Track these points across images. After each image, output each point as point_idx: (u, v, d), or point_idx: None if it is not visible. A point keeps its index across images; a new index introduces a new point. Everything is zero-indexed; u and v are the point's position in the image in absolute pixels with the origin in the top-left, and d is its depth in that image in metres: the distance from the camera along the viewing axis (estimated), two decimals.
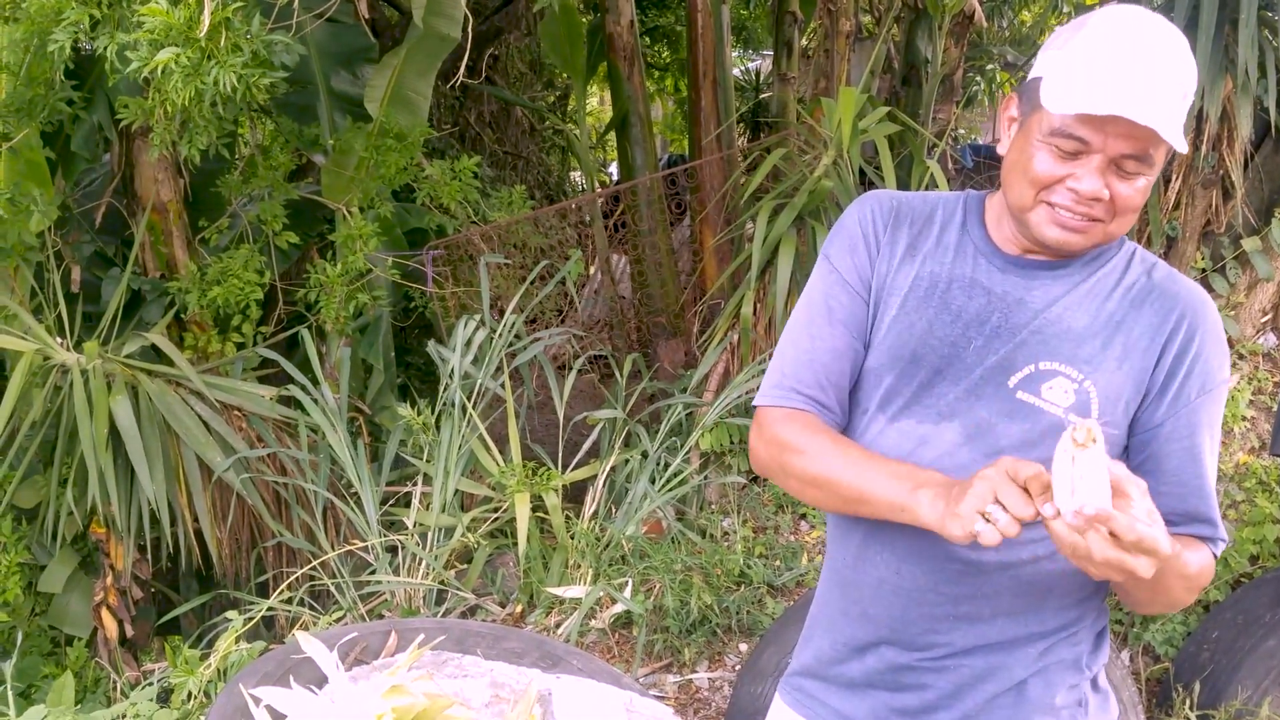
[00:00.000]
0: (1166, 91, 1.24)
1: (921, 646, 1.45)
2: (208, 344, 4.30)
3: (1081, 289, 1.40)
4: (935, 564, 1.40)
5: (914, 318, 1.43)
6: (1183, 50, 1.28)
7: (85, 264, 4.37)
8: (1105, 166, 1.28)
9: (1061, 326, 1.38)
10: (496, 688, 2.57)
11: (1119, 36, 1.27)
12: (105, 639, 3.86)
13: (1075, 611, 1.44)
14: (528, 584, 3.78)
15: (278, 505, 3.99)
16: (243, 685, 2.26)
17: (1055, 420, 1.35)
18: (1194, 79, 1.29)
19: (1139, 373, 1.36)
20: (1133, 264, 1.43)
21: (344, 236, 4.43)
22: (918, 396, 1.42)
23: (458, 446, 3.99)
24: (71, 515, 3.76)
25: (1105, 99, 1.22)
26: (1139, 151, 1.26)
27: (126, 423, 3.64)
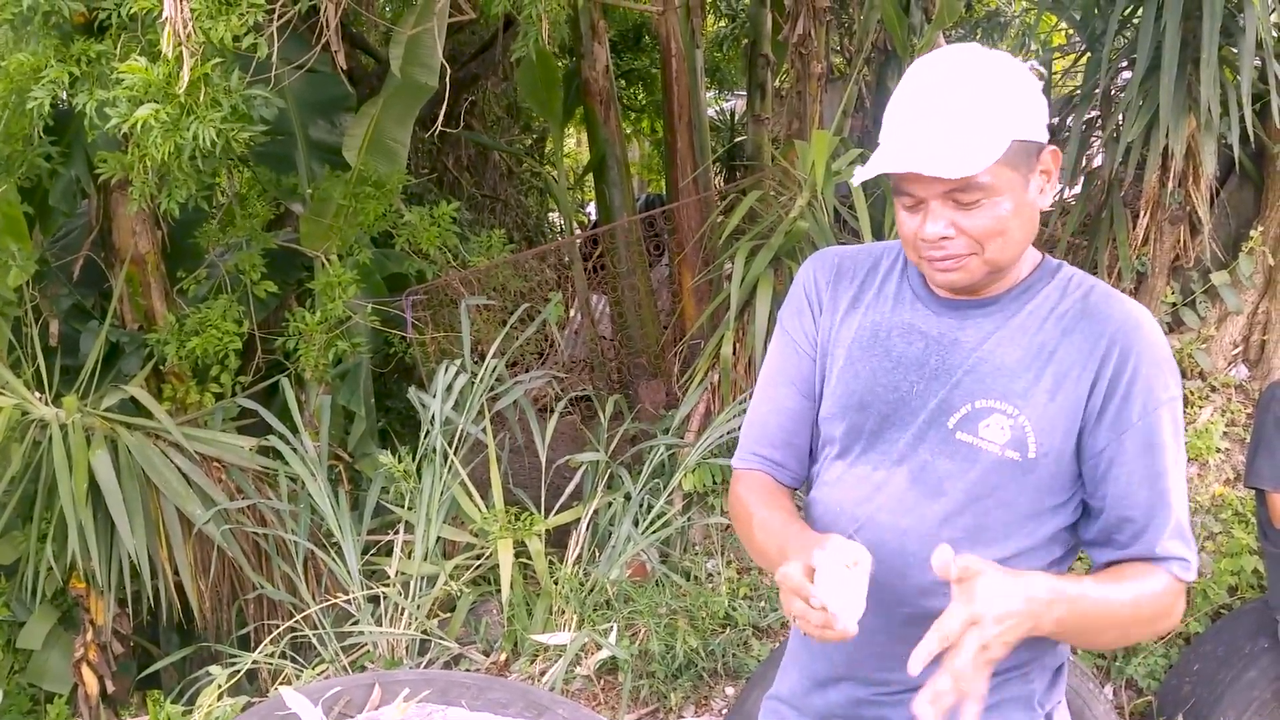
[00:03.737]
0: (958, 128, 1.28)
1: (877, 682, 1.50)
2: (186, 395, 4.29)
3: (1013, 323, 1.42)
4: (884, 609, 1.42)
5: (859, 367, 1.49)
6: (982, 75, 1.31)
7: (63, 317, 4.36)
8: (941, 208, 1.32)
9: (995, 363, 1.40)
10: None
11: (910, 88, 1.35)
12: (86, 695, 3.82)
13: (1026, 653, 1.44)
14: (512, 631, 3.76)
15: (258, 556, 3.97)
16: None
17: (995, 458, 1.38)
18: (1003, 93, 1.30)
19: (1074, 401, 1.37)
20: (1068, 291, 1.43)
21: (323, 284, 4.44)
22: (870, 443, 1.48)
23: (439, 493, 3.98)
24: (51, 571, 3.72)
25: (896, 157, 1.29)
26: (958, 187, 1.30)
27: (106, 477, 3.62)
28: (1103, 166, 4.19)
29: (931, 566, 1.29)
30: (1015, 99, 1.31)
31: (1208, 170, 3.79)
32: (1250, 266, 3.87)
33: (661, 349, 5.34)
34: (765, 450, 1.60)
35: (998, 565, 1.25)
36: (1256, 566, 3.44)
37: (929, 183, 1.30)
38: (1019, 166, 1.32)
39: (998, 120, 1.29)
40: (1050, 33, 6.33)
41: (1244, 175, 4.03)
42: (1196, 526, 3.65)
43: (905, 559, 1.42)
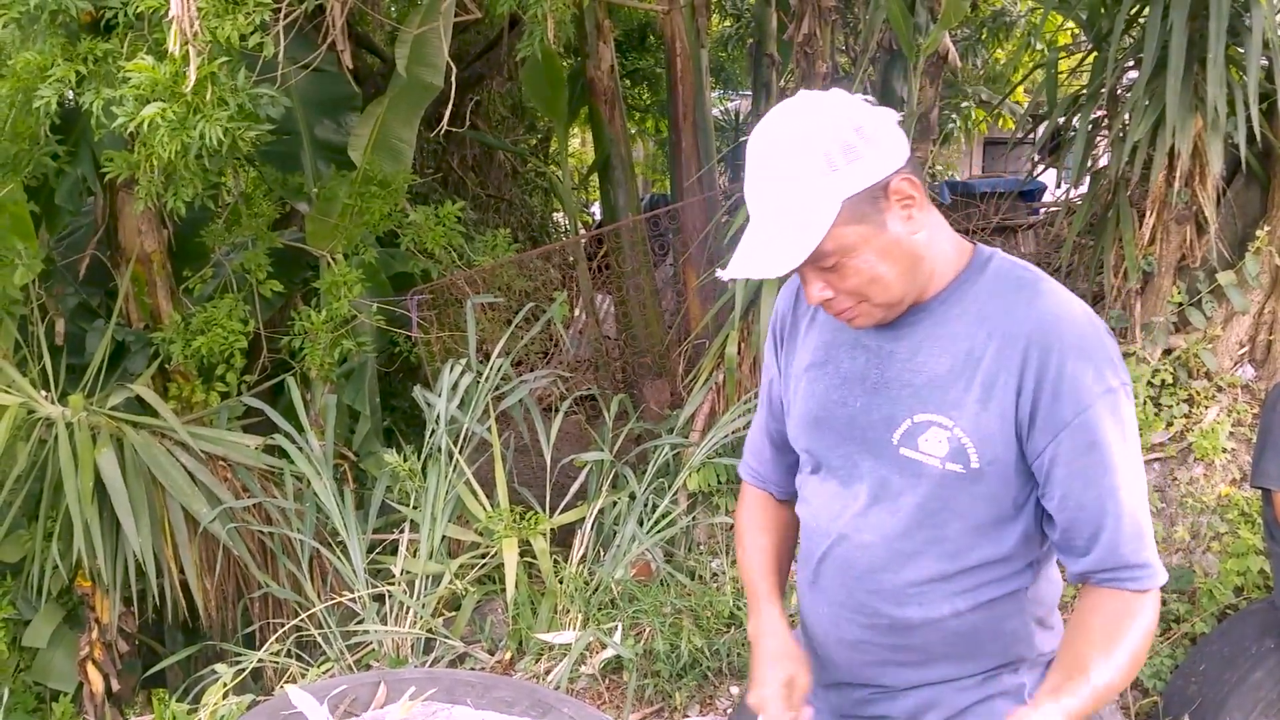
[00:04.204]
0: (774, 227, 1.31)
1: (875, 685, 1.54)
2: (192, 394, 4.30)
3: (942, 330, 1.40)
4: (866, 618, 1.47)
5: (814, 386, 1.52)
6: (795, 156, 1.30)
7: (69, 316, 4.36)
8: (812, 276, 1.36)
9: (927, 374, 1.40)
10: None
11: (745, 182, 1.36)
12: (91, 694, 3.82)
13: (1016, 649, 1.47)
14: (516, 630, 3.76)
15: (264, 555, 3.97)
16: None
17: (938, 473, 1.38)
18: (818, 167, 1.29)
19: (1004, 408, 1.34)
20: (995, 288, 1.39)
21: (328, 283, 4.44)
22: (830, 459, 1.50)
23: (444, 492, 3.99)
24: (56, 569, 3.73)
25: (733, 265, 1.34)
26: (810, 261, 1.31)
27: (112, 475, 3.63)
28: (1109, 166, 4.18)
29: (899, 577, 1.41)
30: (833, 164, 1.29)
31: (1214, 170, 3.78)
32: (1256, 266, 3.86)
33: (666, 348, 5.34)
34: (756, 464, 1.74)
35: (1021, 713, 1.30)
36: (1263, 567, 3.44)
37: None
38: (864, 218, 1.31)
39: (814, 199, 1.29)
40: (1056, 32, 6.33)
41: (1250, 175, 4.02)
42: (1203, 527, 3.65)
43: (875, 573, 1.45)
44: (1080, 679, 1.29)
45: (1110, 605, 1.34)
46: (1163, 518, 3.69)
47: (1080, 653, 1.32)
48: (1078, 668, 1.30)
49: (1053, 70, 4.51)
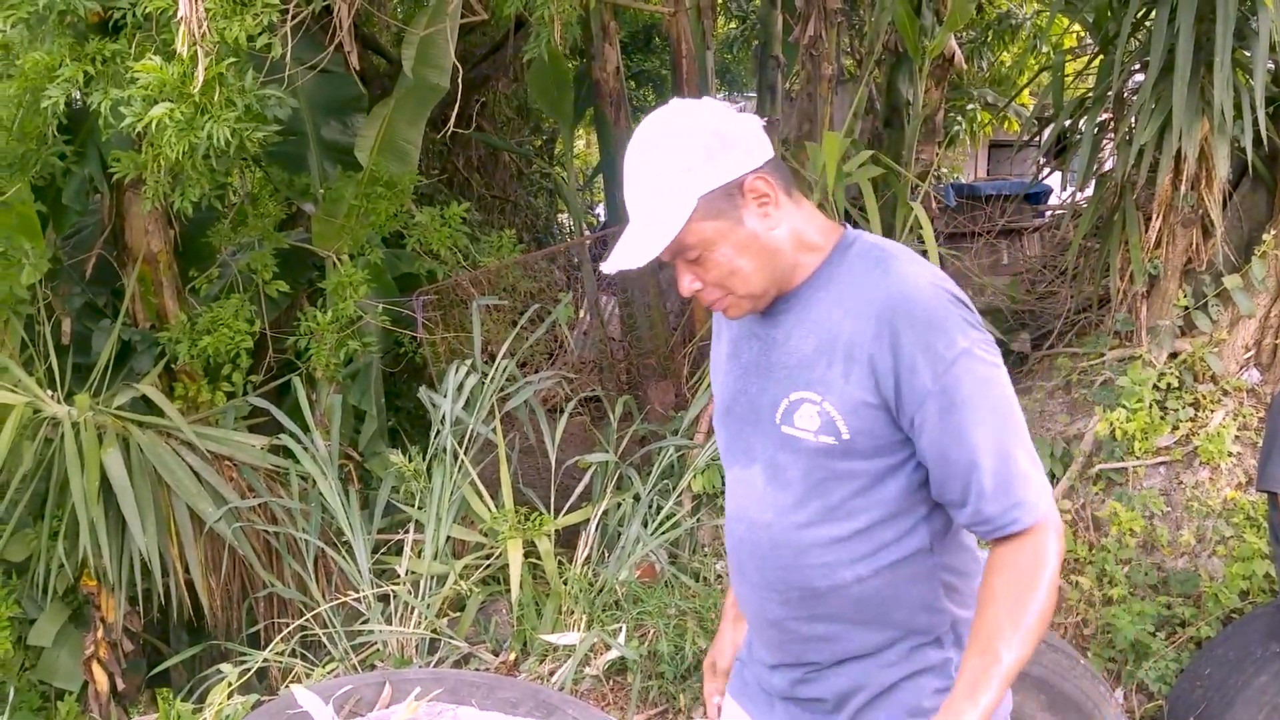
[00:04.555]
0: (637, 221, 1.44)
1: (801, 661, 1.58)
2: (198, 394, 4.30)
3: (810, 314, 1.49)
4: (780, 595, 1.55)
5: (727, 378, 1.63)
6: (656, 155, 1.43)
7: (76, 315, 4.37)
8: (682, 268, 1.48)
9: (799, 355, 1.49)
10: None
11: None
12: (96, 693, 3.82)
13: (928, 617, 1.50)
14: (521, 631, 3.77)
15: (269, 555, 3.98)
16: None
17: (813, 445, 1.46)
18: (677, 164, 1.41)
19: (866, 379, 1.42)
20: (855, 269, 1.48)
21: (334, 284, 4.45)
22: (737, 447, 1.59)
23: (449, 493, 3.99)
24: (62, 568, 3.74)
25: (608, 261, 1.46)
26: (675, 252, 1.45)
27: (118, 475, 3.63)
28: (1115, 169, 4.18)
29: (800, 548, 1.48)
30: (692, 162, 1.41)
31: (1220, 173, 3.78)
32: (1263, 270, 3.86)
33: (671, 350, 5.34)
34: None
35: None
36: (1268, 571, 3.43)
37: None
38: (721, 213, 1.42)
39: (673, 197, 1.41)
40: (1062, 35, 6.32)
41: (1257, 179, 4.01)
42: (1208, 531, 3.64)
43: (778, 550, 1.52)
44: (993, 664, 1.34)
45: (1005, 558, 1.39)
46: (1168, 521, 3.69)
47: (988, 626, 1.36)
48: (990, 650, 1.35)
49: (1059, 73, 4.50)
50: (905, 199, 4.27)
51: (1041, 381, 4.34)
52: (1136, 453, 3.77)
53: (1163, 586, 3.59)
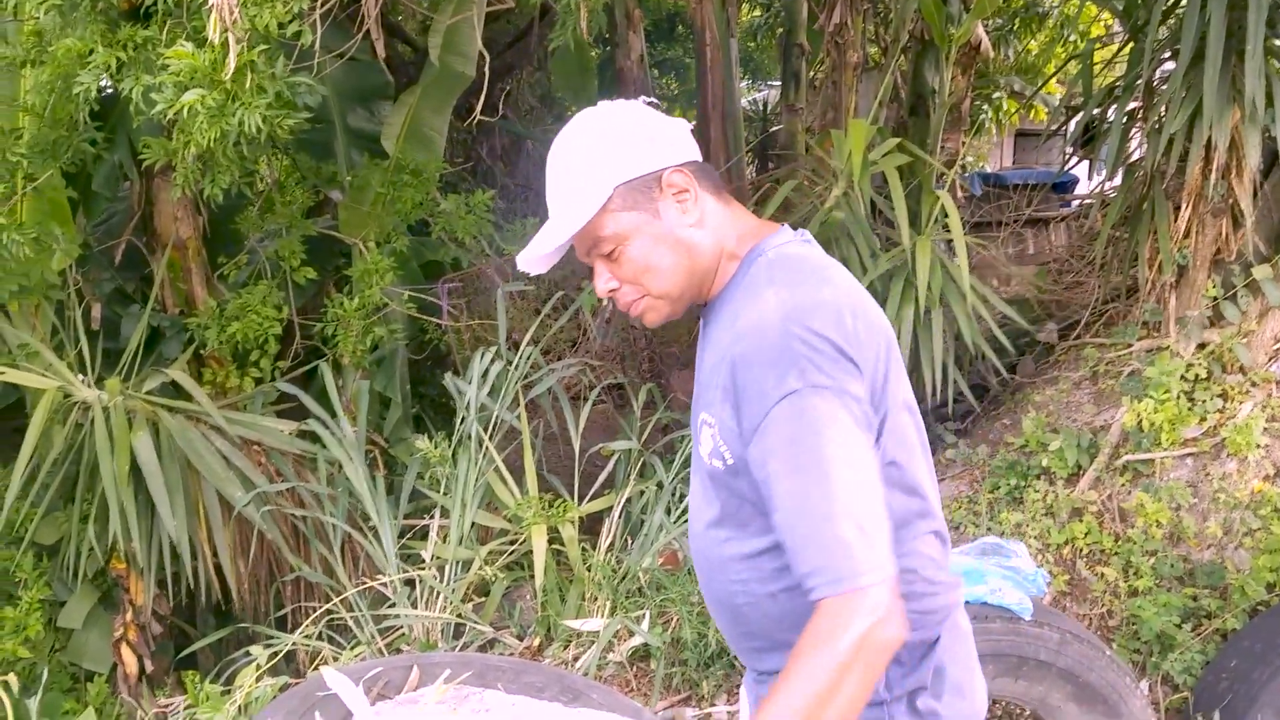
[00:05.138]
0: (552, 214, 1.43)
1: (751, 667, 1.58)
2: (226, 379, 4.34)
3: (711, 332, 1.47)
4: (718, 608, 1.54)
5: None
6: (575, 146, 1.43)
7: (105, 301, 4.42)
8: (601, 266, 1.45)
9: (705, 372, 1.46)
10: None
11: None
12: (125, 675, 3.88)
13: None
14: (545, 617, 3.79)
15: (296, 539, 4.02)
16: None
17: (708, 468, 1.44)
18: (594, 154, 1.41)
19: (732, 407, 1.35)
20: (743, 290, 1.41)
21: (360, 271, 4.48)
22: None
23: (474, 479, 4.01)
24: (92, 551, 3.79)
25: (521, 257, 1.46)
26: (591, 246, 1.43)
27: (147, 459, 3.67)
28: (1144, 158, 4.15)
29: (721, 563, 1.45)
30: (609, 154, 1.40)
31: (1251, 163, 3.74)
32: None
33: (693, 339, 5.34)
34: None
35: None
36: None
37: (576, 252, 1.46)
38: (638, 205, 1.40)
39: (586, 186, 1.40)
40: (1091, 23, 6.27)
41: None
42: (1235, 522, 3.62)
43: (709, 563, 1.51)
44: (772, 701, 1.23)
45: (806, 627, 1.24)
46: (1195, 513, 3.67)
47: (768, 699, 1.23)
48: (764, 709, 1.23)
49: (1088, 61, 4.46)
50: (930, 187, 4.24)
51: (1068, 372, 4.32)
52: (1163, 444, 3.75)
53: (1189, 578, 3.57)
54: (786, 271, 1.38)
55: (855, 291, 1.40)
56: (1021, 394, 4.41)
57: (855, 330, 1.31)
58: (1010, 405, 4.44)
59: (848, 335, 1.30)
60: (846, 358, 1.29)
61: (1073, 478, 3.84)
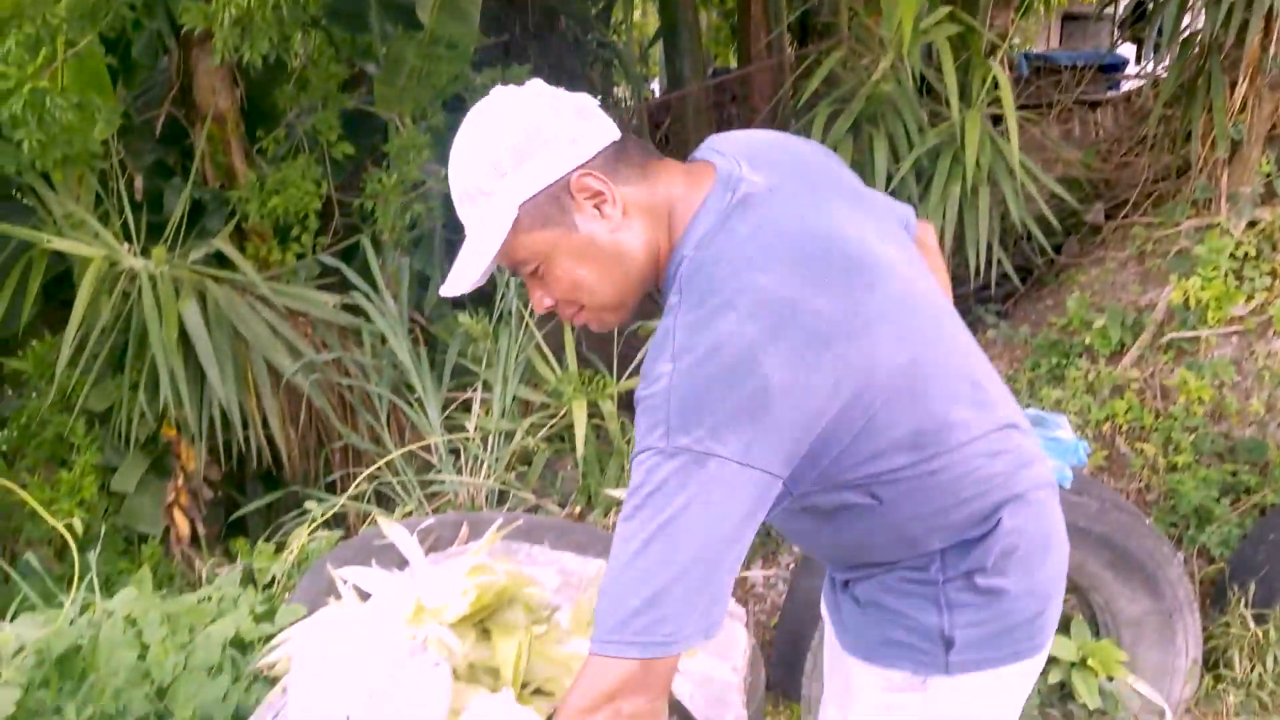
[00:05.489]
0: (467, 243, 1.30)
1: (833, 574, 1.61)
2: (268, 254, 4.36)
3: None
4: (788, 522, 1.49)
5: None
6: (469, 169, 1.29)
7: (146, 173, 4.41)
8: (532, 284, 1.35)
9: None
10: (565, 575, 2.66)
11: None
12: (177, 538, 3.99)
13: (900, 553, 1.43)
14: (586, 486, 3.86)
15: (343, 409, 4.08)
16: (329, 565, 2.35)
17: None
18: (489, 178, 1.27)
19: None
20: (665, 310, 1.28)
21: (397, 147, 4.44)
22: None
23: (515, 355, 4.05)
24: (143, 418, 3.86)
25: (444, 285, 1.34)
26: (517, 268, 1.33)
27: (195, 327, 3.72)
28: (1201, 30, 4.03)
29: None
30: (501, 170, 1.26)
31: None
32: None
33: None
34: None
35: None
36: None
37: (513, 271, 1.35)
38: (549, 221, 1.28)
39: (490, 210, 1.28)
40: None
41: None
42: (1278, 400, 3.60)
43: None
44: None
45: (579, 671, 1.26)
46: (1238, 390, 3.65)
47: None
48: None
49: None
50: (982, 59, 4.14)
51: (1114, 252, 4.27)
52: (1209, 322, 3.72)
53: (1229, 455, 3.58)
54: (691, 297, 1.23)
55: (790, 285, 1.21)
56: (1066, 274, 4.37)
57: (760, 361, 1.17)
58: (1054, 286, 4.41)
59: (743, 376, 1.17)
60: (737, 408, 1.17)
61: (1115, 356, 3.83)
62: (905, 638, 1.42)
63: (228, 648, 2.21)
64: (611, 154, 1.29)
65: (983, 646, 1.40)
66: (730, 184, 1.30)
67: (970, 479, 1.36)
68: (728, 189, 1.30)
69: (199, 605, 2.38)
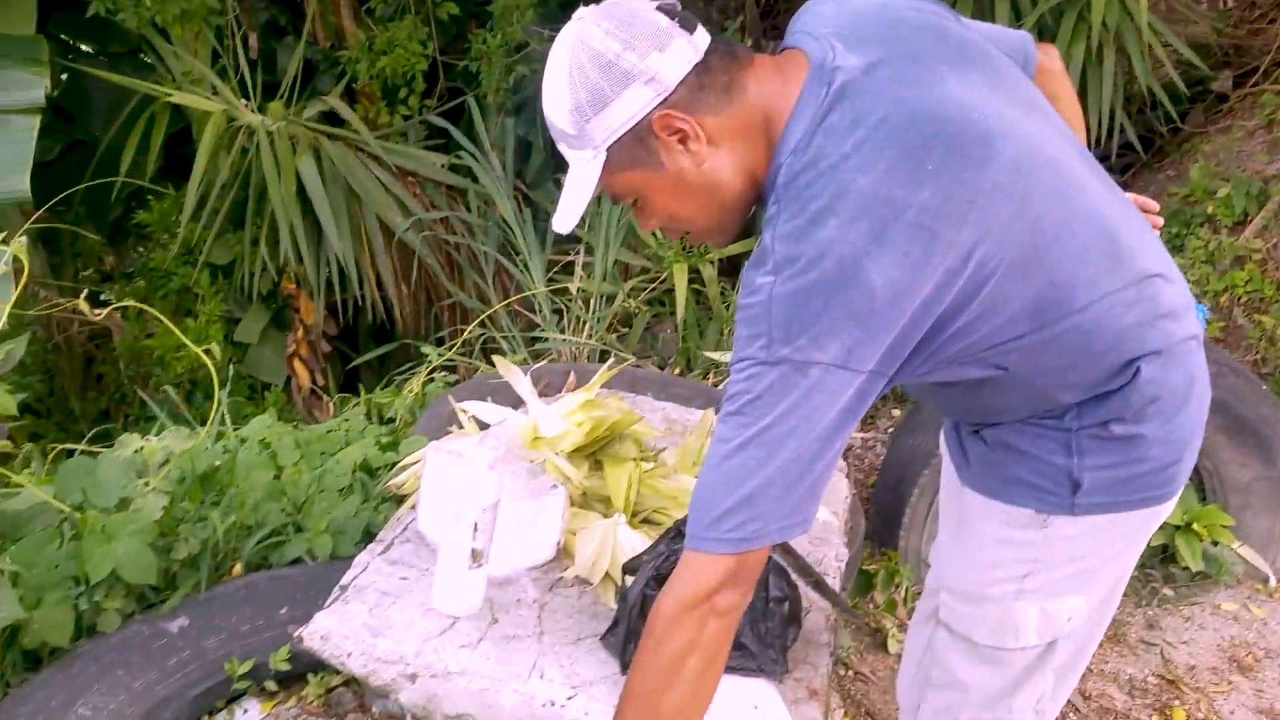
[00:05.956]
0: (568, 179, 1.29)
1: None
2: (377, 115, 4.42)
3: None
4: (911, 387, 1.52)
5: None
6: (557, 112, 1.25)
7: (259, 33, 4.48)
8: (635, 212, 1.34)
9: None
10: (669, 423, 2.73)
11: None
12: (298, 386, 4.19)
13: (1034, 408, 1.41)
14: (685, 348, 3.93)
15: (451, 268, 4.19)
16: (451, 398, 2.46)
17: None
18: (577, 119, 1.23)
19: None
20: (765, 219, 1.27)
21: (501, 8, 4.42)
22: None
23: (617, 218, 4.09)
24: (265, 271, 4.02)
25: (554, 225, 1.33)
26: (615, 200, 1.33)
27: (312, 182, 3.82)
28: None
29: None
30: (585, 115, 1.22)
31: None
32: None
33: None
34: None
35: None
36: None
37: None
38: (637, 160, 1.25)
39: (580, 155, 1.26)
40: None
41: None
42: None
43: None
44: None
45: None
46: None
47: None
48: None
49: None
50: None
51: (1242, 121, 4.08)
52: None
53: None
54: (790, 206, 1.21)
55: (891, 182, 1.17)
56: (1190, 144, 4.20)
57: (863, 267, 1.15)
58: (1176, 156, 4.24)
59: (846, 284, 1.16)
60: (840, 316, 1.16)
61: (1237, 226, 3.70)
62: (1031, 477, 1.42)
63: (357, 471, 2.34)
64: (694, 80, 1.24)
65: (1111, 490, 1.39)
66: (824, 75, 1.24)
67: (1100, 334, 1.33)
68: (821, 81, 1.23)
69: (328, 434, 2.52)
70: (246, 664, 1.83)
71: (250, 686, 1.86)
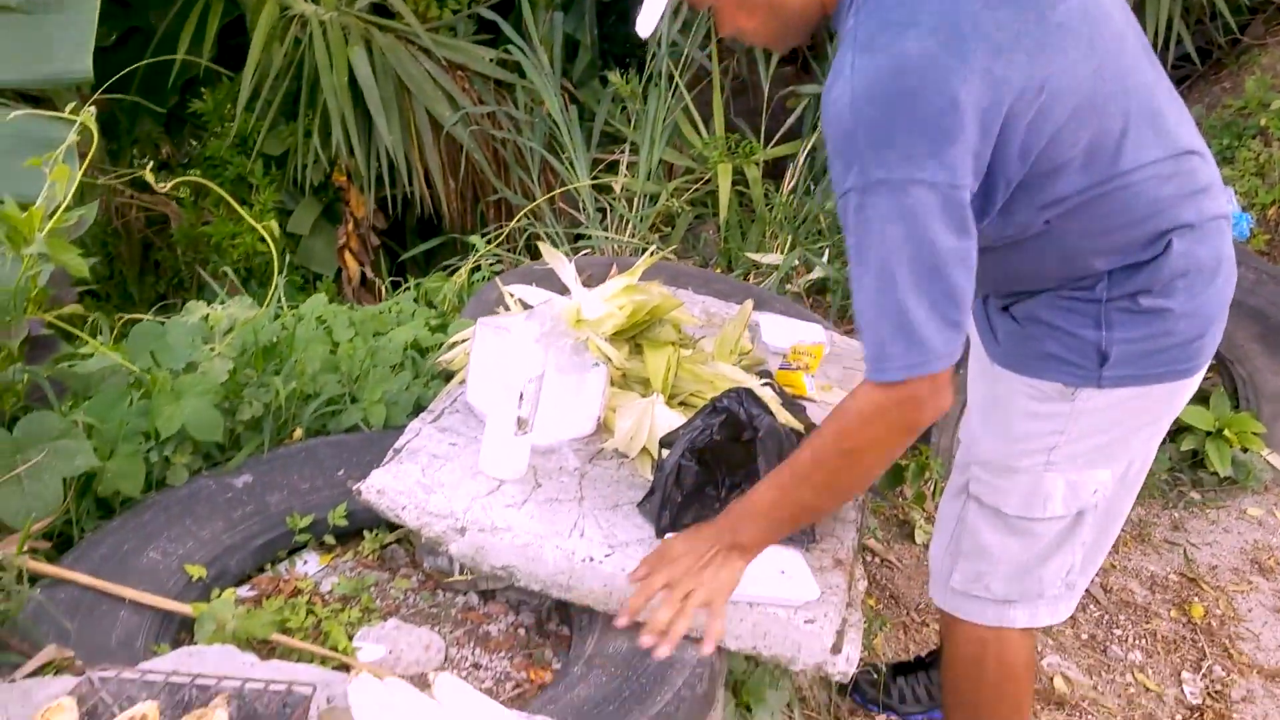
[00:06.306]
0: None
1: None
2: (427, 8, 4.43)
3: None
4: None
5: None
6: None
7: None
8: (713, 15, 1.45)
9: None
10: (709, 315, 2.80)
11: None
12: (348, 278, 4.30)
13: (1067, 274, 1.47)
14: (727, 249, 3.97)
15: (497, 164, 4.24)
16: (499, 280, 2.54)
17: None
18: None
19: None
20: (839, 43, 1.34)
21: None
22: None
23: (663, 117, 4.10)
24: (317, 162, 4.10)
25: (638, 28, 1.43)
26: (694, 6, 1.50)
27: (363, 73, 3.87)
28: None
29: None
30: None
31: None
32: None
33: None
34: None
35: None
36: None
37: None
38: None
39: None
40: None
41: None
42: None
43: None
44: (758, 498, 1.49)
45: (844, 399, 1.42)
46: None
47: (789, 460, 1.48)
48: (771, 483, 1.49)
49: None
50: None
51: None
52: None
53: None
54: (869, 20, 1.27)
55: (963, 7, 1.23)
56: (1248, 56, 4.11)
57: (946, 79, 1.20)
58: (1233, 69, 4.16)
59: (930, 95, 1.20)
60: (927, 129, 1.21)
61: None
62: (1059, 351, 1.48)
63: (408, 349, 2.44)
64: None
65: (1137, 362, 1.45)
66: None
67: (1139, 201, 1.39)
68: None
69: (380, 315, 2.62)
70: (307, 519, 1.95)
71: (310, 540, 1.98)
